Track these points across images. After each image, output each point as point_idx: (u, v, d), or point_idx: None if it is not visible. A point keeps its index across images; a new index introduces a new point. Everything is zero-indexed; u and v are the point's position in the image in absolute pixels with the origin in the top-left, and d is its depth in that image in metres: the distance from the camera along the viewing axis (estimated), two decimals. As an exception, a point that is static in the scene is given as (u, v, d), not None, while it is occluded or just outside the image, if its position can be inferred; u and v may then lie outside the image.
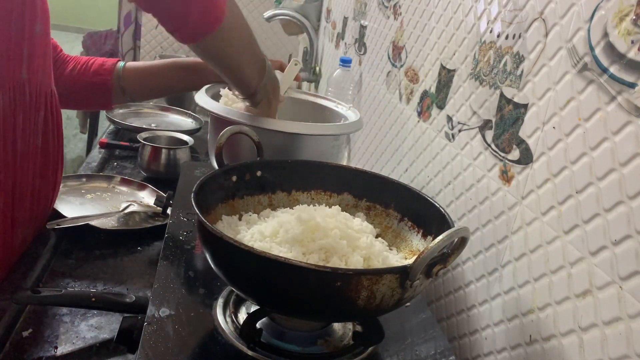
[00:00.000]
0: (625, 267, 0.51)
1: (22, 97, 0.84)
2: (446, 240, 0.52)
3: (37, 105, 0.87)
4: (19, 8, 0.80)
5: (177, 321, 0.62)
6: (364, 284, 0.52)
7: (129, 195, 1.17)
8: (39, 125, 0.89)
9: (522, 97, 0.70)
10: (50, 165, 0.94)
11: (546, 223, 0.63)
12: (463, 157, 0.84)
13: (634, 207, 0.50)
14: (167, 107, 1.74)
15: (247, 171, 0.75)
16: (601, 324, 0.53)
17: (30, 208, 0.91)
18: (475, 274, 0.77)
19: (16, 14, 0.80)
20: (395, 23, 1.19)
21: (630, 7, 0.53)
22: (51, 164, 0.94)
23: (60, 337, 0.74)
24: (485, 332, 0.73)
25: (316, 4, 2.02)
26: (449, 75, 0.91)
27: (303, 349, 0.62)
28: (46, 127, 0.91)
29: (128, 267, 0.93)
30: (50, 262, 0.91)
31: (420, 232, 0.72)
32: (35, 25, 0.84)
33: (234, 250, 0.54)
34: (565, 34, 0.62)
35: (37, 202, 0.92)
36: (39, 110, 0.88)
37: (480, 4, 0.82)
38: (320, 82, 1.93)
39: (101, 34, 2.85)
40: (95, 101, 1.14)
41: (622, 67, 0.53)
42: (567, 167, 0.60)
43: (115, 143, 1.48)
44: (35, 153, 0.89)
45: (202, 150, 1.44)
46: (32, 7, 0.82)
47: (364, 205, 0.78)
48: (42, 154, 0.91)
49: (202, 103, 0.92)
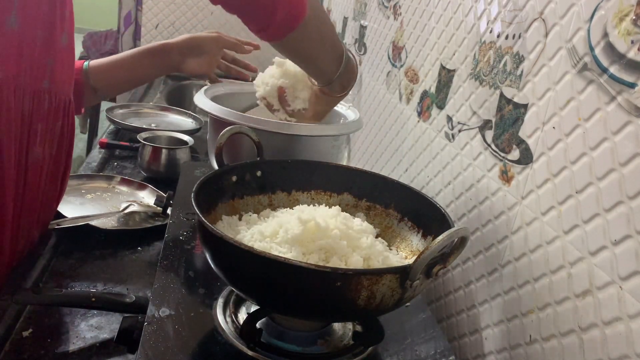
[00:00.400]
0: (625, 267, 0.51)
1: (42, 106, 0.84)
2: (446, 240, 0.52)
3: (55, 114, 0.87)
4: (47, 19, 0.80)
5: (177, 321, 0.62)
6: (364, 284, 0.52)
7: (129, 195, 1.17)
8: (56, 134, 0.89)
9: (522, 97, 0.70)
10: (59, 172, 0.94)
11: (546, 223, 0.63)
12: (463, 157, 0.84)
13: (634, 207, 0.50)
14: (167, 107, 1.74)
15: (247, 171, 0.75)
16: (601, 324, 0.53)
17: (37, 212, 0.91)
18: (475, 274, 0.77)
19: (44, 22, 0.80)
20: (395, 23, 1.19)
21: (630, 7, 0.53)
22: (60, 170, 0.94)
23: (60, 337, 0.74)
24: (485, 332, 0.73)
25: (316, 4, 2.01)
26: (449, 75, 0.91)
27: (303, 349, 0.62)
28: (62, 136, 0.91)
29: (128, 267, 0.93)
30: (51, 262, 0.91)
31: (420, 232, 0.72)
32: (62, 36, 0.84)
33: (234, 250, 0.54)
34: (565, 34, 0.62)
35: (43, 206, 0.93)
36: (57, 120, 0.88)
37: (480, 4, 0.82)
38: (320, 82, 1.93)
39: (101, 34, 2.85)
40: None
41: (622, 67, 0.53)
42: (567, 167, 0.60)
43: (115, 143, 1.48)
44: (48, 160, 0.89)
45: (202, 150, 1.44)
46: (62, 18, 0.83)
47: (364, 205, 0.78)
48: (53, 161, 0.91)
49: (201, 104, 0.92)
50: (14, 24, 0.75)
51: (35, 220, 0.92)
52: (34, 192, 0.88)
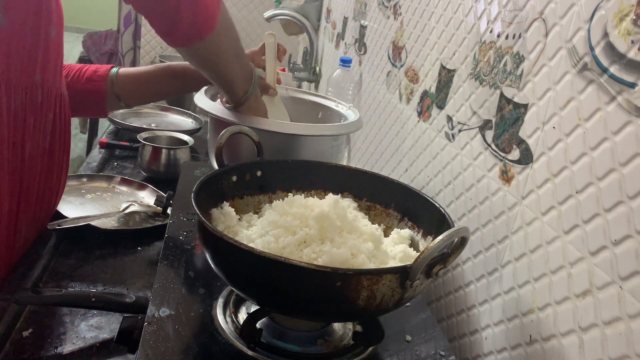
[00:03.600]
0: (625, 267, 0.51)
1: (34, 99, 0.84)
2: (446, 240, 0.52)
3: (47, 107, 0.88)
4: (35, 11, 0.80)
5: (177, 321, 0.62)
6: (364, 284, 0.52)
7: (129, 195, 1.17)
8: (48, 127, 0.89)
9: (522, 97, 0.70)
10: (55, 168, 0.94)
11: (546, 223, 0.63)
12: (463, 157, 0.84)
13: (634, 207, 0.50)
14: (167, 107, 1.74)
15: (247, 171, 0.75)
16: (601, 324, 0.53)
17: (34, 209, 0.91)
18: (475, 274, 0.77)
19: (32, 17, 0.80)
20: (395, 23, 1.19)
21: (630, 7, 0.53)
22: (56, 166, 0.94)
23: (60, 337, 0.74)
24: (485, 332, 0.73)
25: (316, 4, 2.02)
26: (449, 75, 0.91)
27: (303, 349, 0.62)
28: (54, 129, 0.91)
29: (128, 267, 0.93)
30: (51, 262, 0.91)
31: (420, 232, 0.72)
32: (51, 29, 0.84)
33: (234, 250, 0.54)
34: (565, 34, 0.62)
35: (40, 203, 0.92)
36: (48, 113, 0.88)
37: (480, 4, 0.82)
38: (320, 82, 1.93)
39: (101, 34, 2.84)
40: (90, 108, 1.12)
41: (622, 67, 0.53)
42: (567, 167, 0.60)
43: (115, 143, 1.48)
44: (42, 155, 0.89)
45: (202, 150, 1.44)
46: (48, 11, 0.82)
47: (364, 205, 0.78)
48: (48, 156, 0.91)
49: (201, 104, 0.92)
50: (3, 22, 0.75)
51: (33, 218, 0.92)
52: (31, 188, 0.88)
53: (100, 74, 1.08)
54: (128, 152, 1.45)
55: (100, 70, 1.09)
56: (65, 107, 0.94)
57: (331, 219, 0.64)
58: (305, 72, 1.98)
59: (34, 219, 0.92)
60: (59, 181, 0.97)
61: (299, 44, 2.42)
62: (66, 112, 0.94)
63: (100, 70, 1.09)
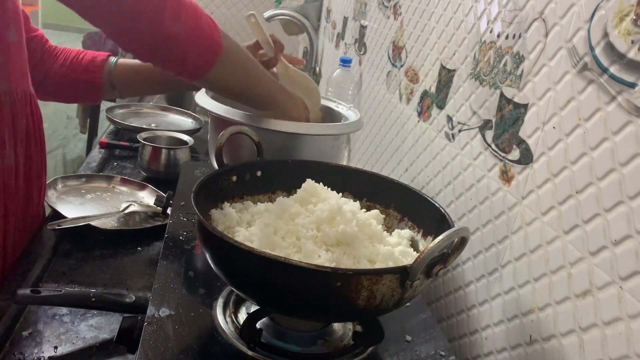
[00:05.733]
0: (625, 267, 0.51)
1: (4, 110, 0.82)
2: (446, 240, 0.52)
3: (19, 114, 0.87)
4: None
5: (177, 321, 0.62)
6: (364, 284, 0.52)
7: (129, 195, 1.17)
8: (23, 132, 0.89)
9: (522, 97, 0.70)
10: (34, 169, 0.94)
11: (546, 223, 0.63)
12: (463, 157, 0.84)
13: (634, 207, 0.50)
14: (167, 107, 1.74)
15: (247, 171, 0.75)
16: (601, 324, 0.53)
17: (21, 213, 0.91)
18: (475, 274, 0.77)
19: None
20: (395, 23, 1.19)
21: (630, 7, 0.53)
22: (35, 168, 0.94)
23: (60, 337, 0.74)
24: (485, 332, 0.73)
25: (316, 4, 2.02)
26: (449, 75, 0.91)
27: (303, 349, 0.62)
28: (28, 133, 0.90)
29: (128, 267, 0.93)
30: (50, 262, 0.91)
31: (420, 232, 0.72)
32: (8, 33, 0.81)
33: (234, 250, 0.54)
34: (565, 34, 0.62)
35: (26, 206, 0.93)
36: (21, 119, 0.87)
37: (480, 4, 0.82)
38: (320, 82, 1.93)
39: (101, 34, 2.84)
40: (84, 96, 1.12)
41: (622, 67, 0.53)
42: (567, 167, 0.60)
43: (115, 143, 1.48)
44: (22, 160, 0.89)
45: (202, 150, 1.44)
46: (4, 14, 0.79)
47: (364, 205, 0.78)
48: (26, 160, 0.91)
49: (202, 103, 0.92)
50: None
51: (22, 219, 0.92)
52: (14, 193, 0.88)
53: (97, 64, 1.07)
54: (128, 152, 1.45)
55: (98, 59, 1.08)
56: (35, 105, 0.93)
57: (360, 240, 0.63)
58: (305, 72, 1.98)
59: (22, 221, 0.92)
60: (40, 182, 0.97)
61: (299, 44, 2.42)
62: (37, 111, 0.94)
63: (98, 59, 1.08)
